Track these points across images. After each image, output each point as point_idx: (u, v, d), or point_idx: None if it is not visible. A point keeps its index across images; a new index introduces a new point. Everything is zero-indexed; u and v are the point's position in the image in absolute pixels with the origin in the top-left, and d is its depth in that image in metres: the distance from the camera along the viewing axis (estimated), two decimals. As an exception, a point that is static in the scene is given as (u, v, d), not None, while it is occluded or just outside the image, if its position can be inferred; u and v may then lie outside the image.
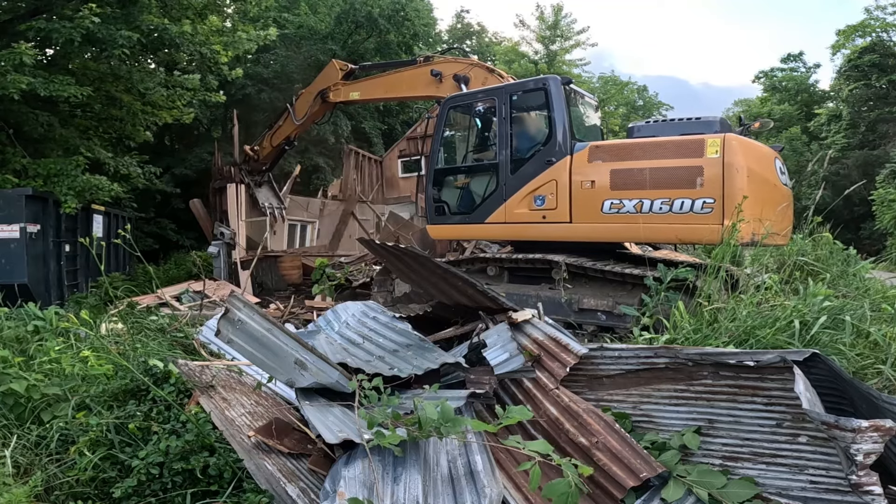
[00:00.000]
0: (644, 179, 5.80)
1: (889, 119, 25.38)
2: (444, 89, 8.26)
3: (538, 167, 6.44)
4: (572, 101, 6.70)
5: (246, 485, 2.97)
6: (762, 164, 5.81)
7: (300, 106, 10.39)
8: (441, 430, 2.36)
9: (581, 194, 6.14)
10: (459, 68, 8.32)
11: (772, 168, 5.96)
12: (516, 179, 6.60)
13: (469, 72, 8.14)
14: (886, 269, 8.61)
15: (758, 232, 5.26)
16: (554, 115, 6.38)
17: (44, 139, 10.78)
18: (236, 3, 13.35)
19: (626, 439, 2.85)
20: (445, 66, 8.49)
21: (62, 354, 4.32)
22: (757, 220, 5.28)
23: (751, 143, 5.85)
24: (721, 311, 4.08)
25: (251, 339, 3.04)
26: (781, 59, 36.68)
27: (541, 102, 6.60)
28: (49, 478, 3.23)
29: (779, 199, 5.91)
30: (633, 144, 6.01)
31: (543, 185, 6.39)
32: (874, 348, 3.77)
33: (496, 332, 3.74)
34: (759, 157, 5.80)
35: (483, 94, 7.16)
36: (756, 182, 5.52)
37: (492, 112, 6.89)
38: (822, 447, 2.51)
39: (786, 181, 6.27)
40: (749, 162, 5.50)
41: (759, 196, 5.48)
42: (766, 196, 5.69)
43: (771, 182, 5.86)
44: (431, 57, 8.91)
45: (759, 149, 6.00)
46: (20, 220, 8.51)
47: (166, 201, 18.84)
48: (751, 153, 5.66)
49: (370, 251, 9.30)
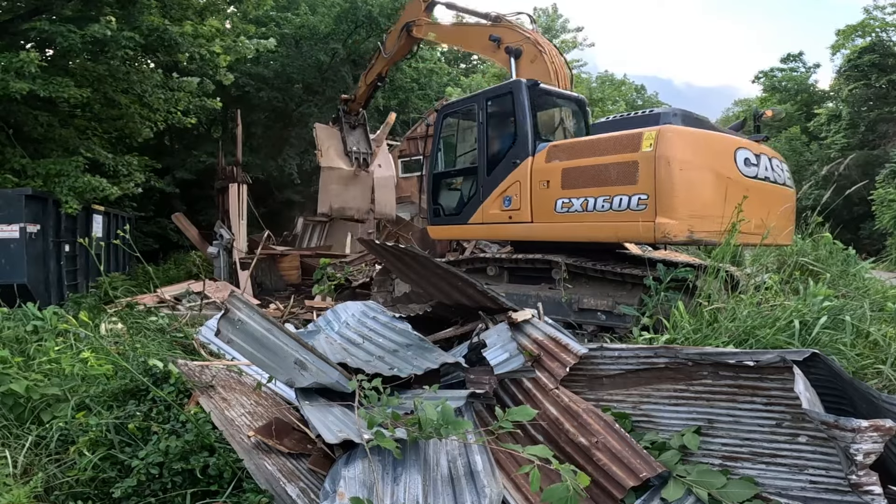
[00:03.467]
0: (588, 177, 5.79)
1: (889, 119, 25.38)
2: (499, 56, 8.21)
3: (507, 169, 6.64)
4: (544, 103, 6.87)
5: (246, 485, 2.96)
6: (711, 156, 5.39)
7: (390, 42, 10.64)
8: (441, 430, 2.36)
9: (539, 194, 6.25)
10: (514, 39, 8.03)
11: (728, 160, 5.46)
12: (491, 181, 6.83)
13: (522, 45, 8.03)
14: (886, 269, 8.60)
15: (696, 229, 5.05)
16: (518, 118, 6.56)
17: (43, 139, 10.77)
18: (235, 4, 13.33)
19: (626, 439, 2.85)
20: (504, 32, 8.32)
21: (62, 355, 4.32)
22: (696, 217, 5.06)
23: (697, 134, 5.48)
24: (721, 311, 4.08)
25: (251, 339, 3.04)
26: (781, 59, 36.69)
27: (510, 106, 6.77)
28: (49, 478, 3.23)
29: (739, 192, 5.35)
30: (583, 142, 6.02)
31: (510, 186, 6.58)
32: (874, 348, 3.77)
33: (496, 332, 3.74)
34: (706, 149, 5.41)
35: (467, 102, 7.54)
36: (699, 175, 5.22)
37: (473, 118, 7.22)
38: (822, 447, 2.51)
39: (769, 175, 5.81)
40: (689, 154, 5.21)
41: (703, 190, 5.19)
42: (715, 190, 5.28)
43: (724, 175, 5.35)
44: (502, 17, 8.69)
45: (710, 139, 5.55)
46: (20, 220, 8.50)
47: (166, 201, 18.85)
48: (694, 145, 5.34)
49: (370, 251, 9.32)
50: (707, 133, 5.58)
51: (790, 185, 6.20)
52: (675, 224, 5.06)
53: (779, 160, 6.08)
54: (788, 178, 6.19)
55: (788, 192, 6.13)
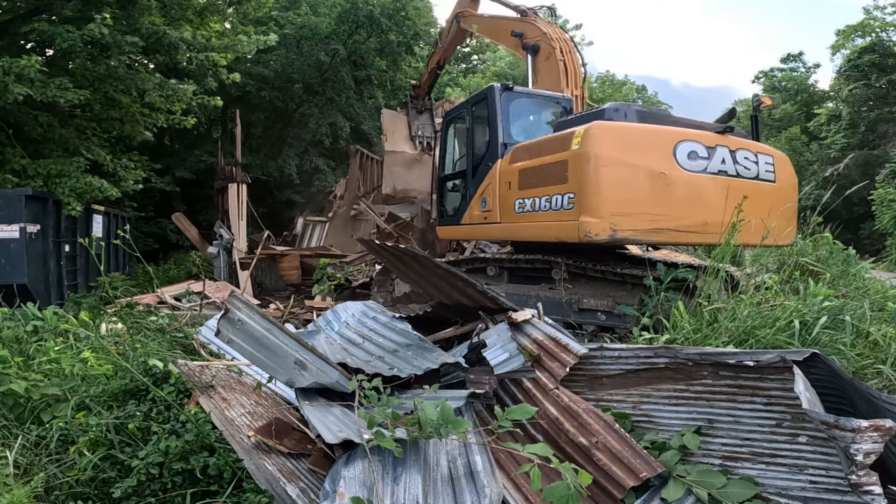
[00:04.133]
0: (536, 177, 5.84)
1: (889, 119, 25.39)
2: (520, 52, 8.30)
3: (484, 171, 6.83)
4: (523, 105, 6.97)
5: (246, 485, 2.97)
6: (642, 151, 5.15)
7: (444, 33, 11.06)
8: (441, 430, 2.36)
9: (503, 195, 6.39)
10: (534, 35, 8.06)
11: (664, 155, 5.15)
12: (475, 183, 7.02)
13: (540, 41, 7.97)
14: (886, 269, 8.60)
15: (620, 227, 4.95)
16: (491, 121, 6.74)
17: (43, 139, 10.77)
18: (235, 5, 13.31)
19: (626, 439, 2.85)
20: (526, 28, 8.33)
21: (62, 355, 4.32)
22: (620, 215, 4.96)
23: (627, 130, 5.31)
24: (721, 311, 4.07)
25: (251, 339, 3.04)
26: (781, 59, 36.73)
27: (485, 110, 6.94)
28: (49, 478, 3.23)
29: (678, 188, 5.14)
30: (535, 143, 6.07)
31: (486, 187, 6.74)
32: (874, 348, 3.77)
33: (496, 332, 3.74)
34: (636, 145, 5.18)
35: (460, 107, 7.80)
36: (623, 172, 5.03)
37: (463, 122, 7.47)
38: (822, 447, 2.51)
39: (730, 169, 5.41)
40: (613, 151, 5.05)
41: (628, 187, 5.03)
42: (644, 187, 5.06)
43: (657, 171, 5.08)
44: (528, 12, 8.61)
45: (642, 134, 5.29)
46: (20, 220, 8.50)
47: (166, 201, 18.84)
48: (621, 141, 5.16)
49: (370, 251, 9.33)
50: (641, 127, 5.38)
51: (771, 180, 5.68)
52: (596, 223, 4.98)
53: (751, 152, 5.60)
54: (769, 172, 5.68)
55: (768, 186, 5.62)
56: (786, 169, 5.92)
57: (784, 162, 5.96)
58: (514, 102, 6.88)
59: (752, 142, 5.81)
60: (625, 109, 5.66)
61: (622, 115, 5.56)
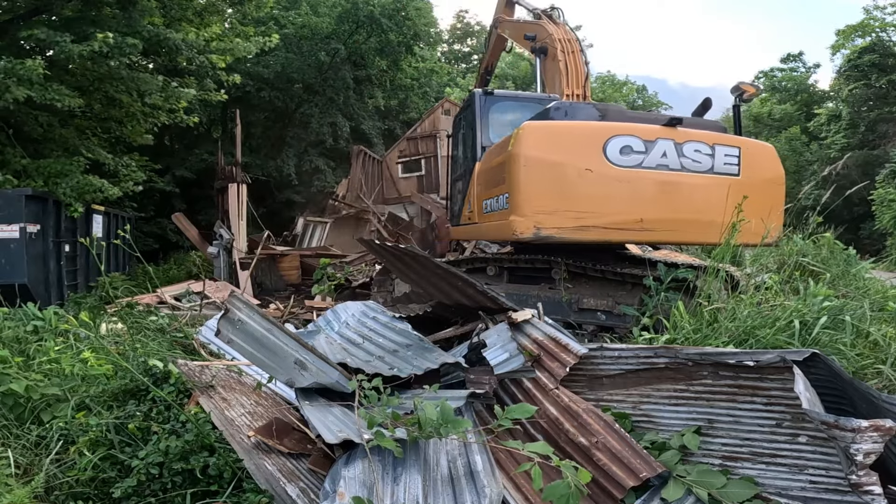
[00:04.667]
0: (492, 179, 5.96)
1: (889, 119, 25.40)
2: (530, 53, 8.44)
3: (470, 173, 7.04)
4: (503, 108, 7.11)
5: (246, 485, 2.96)
6: (568, 149, 5.09)
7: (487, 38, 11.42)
8: (441, 430, 2.36)
9: (478, 196, 6.57)
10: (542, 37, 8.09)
11: (592, 151, 5.06)
12: (466, 185, 7.23)
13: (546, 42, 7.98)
14: (886, 269, 8.60)
15: (544, 225, 4.96)
16: (472, 125, 6.98)
17: (43, 139, 10.76)
18: (237, 6, 13.31)
19: (626, 439, 2.85)
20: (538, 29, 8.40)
21: (62, 355, 4.32)
22: (544, 213, 4.97)
23: (554, 128, 5.28)
24: (721, 311, 4.07)
25: (251, 339, 3.04)
26: (781, 59, 36.74)
27: (471, 115, 7.16)
28: (49, 478, 3.23)
29: (608, 184, 5.04)
30: (496, 145, 6.21)
31: (470, 189, 6.95)
32: (874, 348, 3.77)
33: (496, 332, 3.74)
34: (562, 142, 5.14)
35: (459, 112, 8.05)
36: (546, 170, 5.02)
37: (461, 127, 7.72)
38: (822, 447, 2.51)
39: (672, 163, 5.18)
40: (538, 150, 5.06)
41: (551, 185, 5.02)
42: (568, 184, 5.02)
43: (582, 167, 5.00)
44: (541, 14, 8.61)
45: (569, 132, 5.24)
46: (20, 220, 8.49)
47: (166, 201, 18.84)
48: (547, 140, 5.15)
49: (370, 251, 9.33)
50: (570, 125, 5.36)
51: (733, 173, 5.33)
52: (521, 221, 5.03)
53: (705, 144, 5.27)
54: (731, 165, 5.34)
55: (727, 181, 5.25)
56: (764, 161, 5.53)
57: (762, 154, 5.58)
58: (495, 106, 7.08)
59: (709, 133, 5.45)
60: (566, 108, 5.67)
61: (563, 113, 5.57)
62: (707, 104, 6.07)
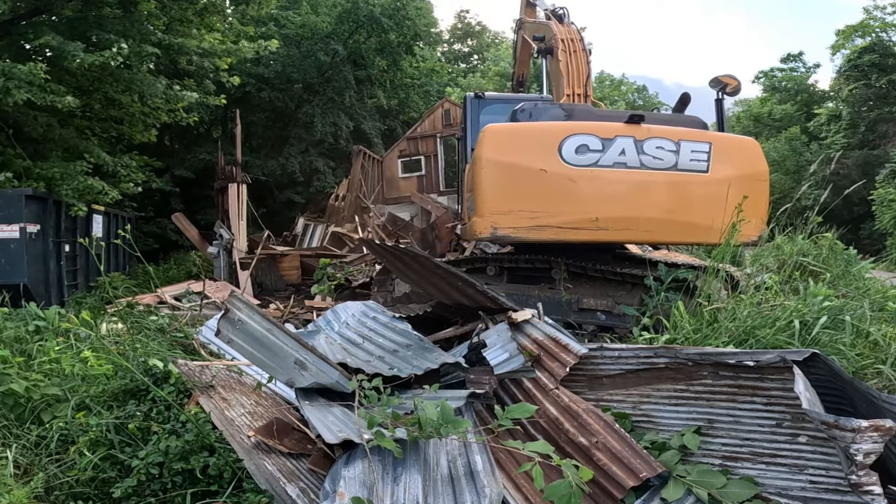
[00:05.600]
0: (469, 179, 6.07)
1: (889, 119, 25.40)
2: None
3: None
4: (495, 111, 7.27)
5: (246, 485, 2.97)
6: (522, 149, 5.14)
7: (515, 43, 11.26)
8: (441, 430, 2.36)
9: (466, 198, 6.68)
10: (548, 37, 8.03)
11: (547, 151, 5.08)
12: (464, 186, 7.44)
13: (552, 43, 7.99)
14: (886, 269, 8.60)
15: (500, 225, 5.04)
16: (465, 127, 7.23)
17: (43, 139, 10.76)
18: (240, 5, 13.31)
19: (626, 439, 2.85)
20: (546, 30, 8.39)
21: (62, 355, 4.32)
22: (499, 214, 5.04)
23: (511, 130, 5.41)
24: (721, 311, 4.07)
25: (251, 339, 3.05)
26: (781, 59, 36.74)
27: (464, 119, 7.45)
28: (49, 478, 3.23)
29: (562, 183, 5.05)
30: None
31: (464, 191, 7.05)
32: (874, 348, 3.77)
33: (496, 332, 3.74)
34: (517, 143, 5.21)
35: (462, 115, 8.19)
36: (501, 171, 5.11)
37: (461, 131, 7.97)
38: (822, 447, 2.51)
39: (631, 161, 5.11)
40: (494, 152, 5.15)
41: (505, 186, 5.10)
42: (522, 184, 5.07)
43: (536, 168, 5.03)
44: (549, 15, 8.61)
45: (525, 133, 5.31)
46: (20, 220, 8.50)
47: (166, 201, 18.84)
48: (503, 141, 5.24)
49: (370, 251, 9.33)
50: (526, 126, 5.46)
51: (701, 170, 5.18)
52: (479, 222, 5.15)
53: (669, 140, 5.15)
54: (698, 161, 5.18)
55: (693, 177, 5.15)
56: (739, 157, 5.34)
57: (737, 149, 5.40)
58: (487, 108, 7.27)
59: (674, 128, 5.33)
60: (531, 109, 5.70)
61: (527, 115, 5.64)
62: (685, 99, 6.03)
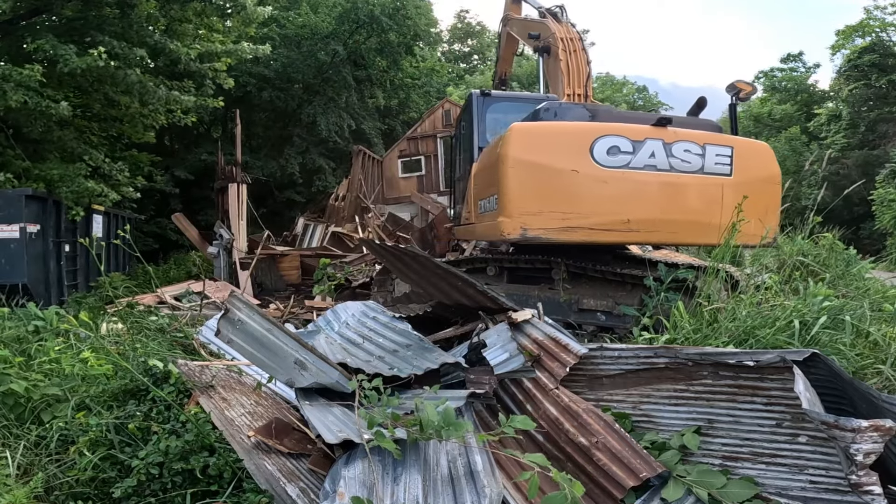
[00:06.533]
0: (485, 179, 6.01)
1: (889, 119, 25.40)
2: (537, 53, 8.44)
3: (468, 174, 7.06)
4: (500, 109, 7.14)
5: (246, 485, 2.97)
6: (554, 149, 5.09)
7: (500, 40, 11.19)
8: (441, 431, 2.37)
9: (474, 197, 6.60)
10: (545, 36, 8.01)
11: (579, 152, 5.04)
12: (465, 186, 7.33)
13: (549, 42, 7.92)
14: (886, 269, 8.61)
15: (530, 226, 4.98)
16: (470, 126, 7.04)
17: (43, 140, 10.76)
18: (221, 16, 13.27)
19: (626, 439, 2.85)
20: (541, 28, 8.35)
21: (62, 355, 4.32)
22: (530, 214, 4.98)
23: (541, 129, 5.32)
24: (721, 311, 4.07)
25: (251, 339, 3.04)
26: (781, 59, 36.76)
27: (469, 116, 7.21)
28: (49, 478, 3.23)
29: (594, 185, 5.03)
30: (489, 146, 6.19)
31: (468, 189, 6.97)
32: (874, 348, 3.77)
33: (496, 332, 3.74)
34: (548, 143, 5.14)
35: (460, 113, 8.12)
36: (532, 171, 5.03)
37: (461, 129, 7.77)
38: (822, 447, 2.51)
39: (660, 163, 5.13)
40: (524, 152, 5.07)
41: (537, 186, 5.03)
42: (554, 185, 5.03)
43: (568, 169, 4.99)
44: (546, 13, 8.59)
45: (556, 132, 5.25)
46: (20, 220, 8.50)
47: (166, 201, 18.84)
48: (533, 141, 5.16)
49: (370, 251, 9.34)
50: (557, 126, 5.35)
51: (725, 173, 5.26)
52: (508, 222, 5.05)
53: (695, 144, 5.21)
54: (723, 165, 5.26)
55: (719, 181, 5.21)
56: (759, 161, 5.45)
57: (753, 153, 5.49)
58: (493, 107, 7.09)
59: (701, 132, 5.39)
60: (556, 108, 5.64)
61: (552, 114, 5.56)
62: (702, 103, 6.02)
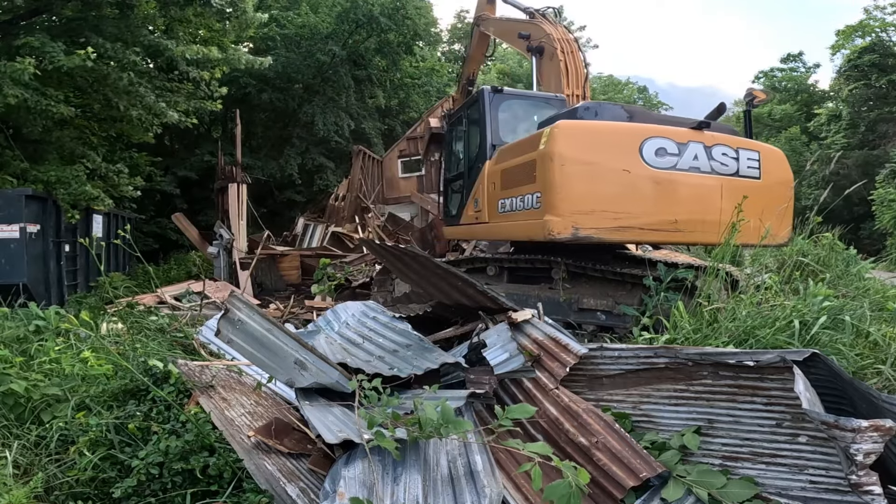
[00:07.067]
0: (514, 177, 5.89)
1: (889, 119, 25.41)
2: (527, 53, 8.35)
3: (477, 172, 6.96)
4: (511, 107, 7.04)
5: (246, 485, 2.97)
6: (605, 149, 5.11)
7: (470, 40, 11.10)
8: (441, 430, 2.36)
9: (490, 196, 6.50)
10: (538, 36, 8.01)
11: (629, 152, 5.08)
12: (469, 184, 7.16)
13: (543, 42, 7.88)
14: (886, 269, 8.61)
15: (582, 225, 4.95)
16: (481, 123, 6.89)
17: (42, 140, 10.77)
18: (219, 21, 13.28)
19: (626, 439, 2.85)
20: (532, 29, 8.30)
21: (62, 355, 4.32)
22: (582, 214, 4.94)
23: (591, 128, 5.29)
24: (721, 311, 4.07)
25: (251, 339, 3.05)
26: (781, 59, 36.78)
27: (477, 113, 7.04)
28: (49, 478, 3.23)
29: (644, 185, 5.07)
30: (516, 143, 6.11)
31: (478, 188, 6.83)
32: (874, 348, 3.77)
33: (496, 332, 3.74)
34: (599, 143, 5.15)
35: (459, 110, 7.86)
36: (584, 170, 5.02)
37: (462, 125, 7.56)
38: (822, 447, 2.51)
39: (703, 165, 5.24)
40: (575, 150, 5.04)
41: (589, 185, 5.02)
42: (607, 184, 5.04)
43: (620, 168, 5.01)
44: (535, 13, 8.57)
45: (606, 132, 5.25)
46: (20, 220, 8.51)
47: (167, 201, 18.84)
48: (584, 139, 5.14)
49: (370, 251, 9.34)
50: (606, 125, 5.36)
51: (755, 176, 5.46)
52: (558, 221, 5.00)
53: (730, 147, 5.39)
54: (753, 168, 5.46)
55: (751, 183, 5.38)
56: (777, 165, 5.68)
57: (774, 158, 5.72)
58: (504, 104, 6.99)
59: (732, 136, 5.58)
60: (596, 108, 5.64)
61: (592, 113, 5.55)
62: (722, 108, 6.07)
